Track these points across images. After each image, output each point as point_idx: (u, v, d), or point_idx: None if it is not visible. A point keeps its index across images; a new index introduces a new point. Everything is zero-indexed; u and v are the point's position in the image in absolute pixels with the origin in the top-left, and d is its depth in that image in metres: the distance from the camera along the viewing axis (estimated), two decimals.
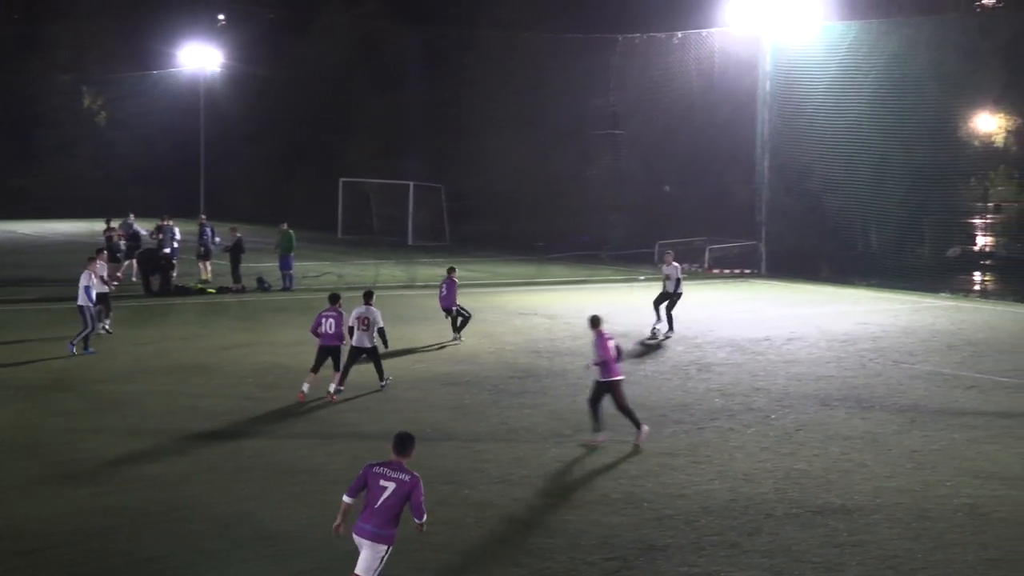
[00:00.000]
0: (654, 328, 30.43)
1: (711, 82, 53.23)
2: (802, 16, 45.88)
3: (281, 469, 17.10)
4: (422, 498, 10.94)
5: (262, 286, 39.33)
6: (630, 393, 21.29)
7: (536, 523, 15.26)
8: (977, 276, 51.83)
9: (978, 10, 55.07)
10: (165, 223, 42.14)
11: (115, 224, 43.30)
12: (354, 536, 10.91)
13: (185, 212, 56.57)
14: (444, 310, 29.48)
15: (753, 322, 32.25)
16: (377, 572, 10.91)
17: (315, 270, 43.71)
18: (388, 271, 44.35)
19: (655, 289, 32.14)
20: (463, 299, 29.69)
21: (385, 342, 22.56)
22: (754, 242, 48.46)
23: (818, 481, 17.10)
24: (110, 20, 75.16)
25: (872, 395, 23.59)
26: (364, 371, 22.66)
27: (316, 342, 22.58)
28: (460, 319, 29.10)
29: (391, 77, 66.37)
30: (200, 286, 39.42)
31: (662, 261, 32.72)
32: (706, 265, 49.02)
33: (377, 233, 60.24)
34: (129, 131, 76.34)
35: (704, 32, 51.47)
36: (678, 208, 56.17)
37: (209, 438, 19.24)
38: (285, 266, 39.90)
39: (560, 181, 59.37)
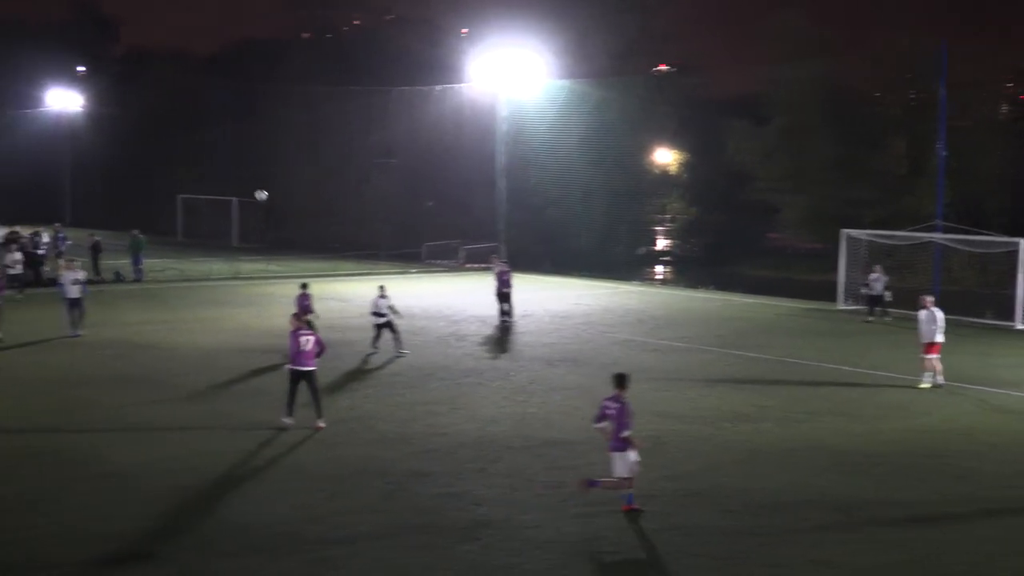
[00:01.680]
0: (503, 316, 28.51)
1: (462, 124, 52.25)
2: (530, 75, 45.13)
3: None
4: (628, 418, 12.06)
5: (118, 278, 37.28)
6: (417, 359, 21.22)
7: (329, 457, 14.59)
8: (659, 269, 52.73)
9: (656, 74, 55.86)
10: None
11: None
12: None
13: (49, 220, 51.76)
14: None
15: (496, 304, 31.80)
16: (626, 471, 11.83)
17: (160, 266, 40.89)
18: (217, 267, 41.70)
19: (423, 281, 31.15)
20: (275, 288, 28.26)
21: None
22: (495, 243, 47.89)
23: (544, 422, 16.84)
24: None
25: (584, 357, 23.31)
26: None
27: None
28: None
29: (211, 117, 62.70)
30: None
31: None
32: (461, 261, 48.39)
33: (208, 237, 56.94)
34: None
35: (457, 86, 50.58)
36: (436, 219, 54.94)
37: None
38: (136, 262, 37.95)
39: (346, 196, 57.22)
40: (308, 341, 15.98)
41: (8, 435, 15.42)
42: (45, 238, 40.82)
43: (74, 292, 24.68)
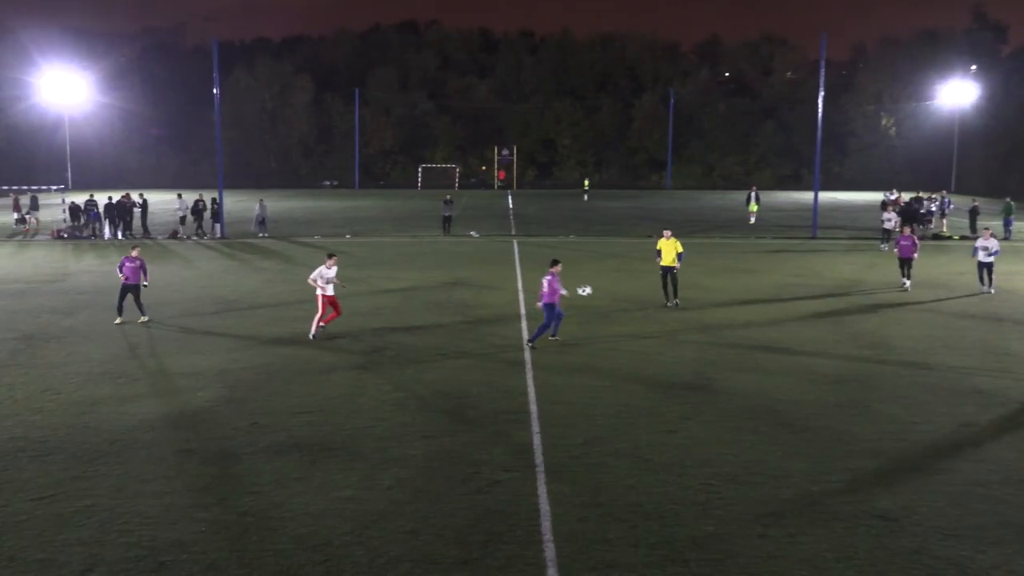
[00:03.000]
0: None
1: None
2: None
3: None
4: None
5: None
6: None
7: None
8: None
9: None
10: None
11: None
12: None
13: (939, 188, 65.66)
14: None
15: None
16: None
17: None
18: None
19: None
20: None
21: None
22: None
23: None
24: None
25: None
26: None
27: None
28: None
29: None
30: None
31: None
32: None
33: None
34: None
35: None
36: None
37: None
38: (1007, 224, 44.04)
39: None
40: None
41: None
42: (933, 205, 47.56)
43: (982, 256, 28.42)
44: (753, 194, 52.30)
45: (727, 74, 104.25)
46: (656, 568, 10.12)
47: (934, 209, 47.97)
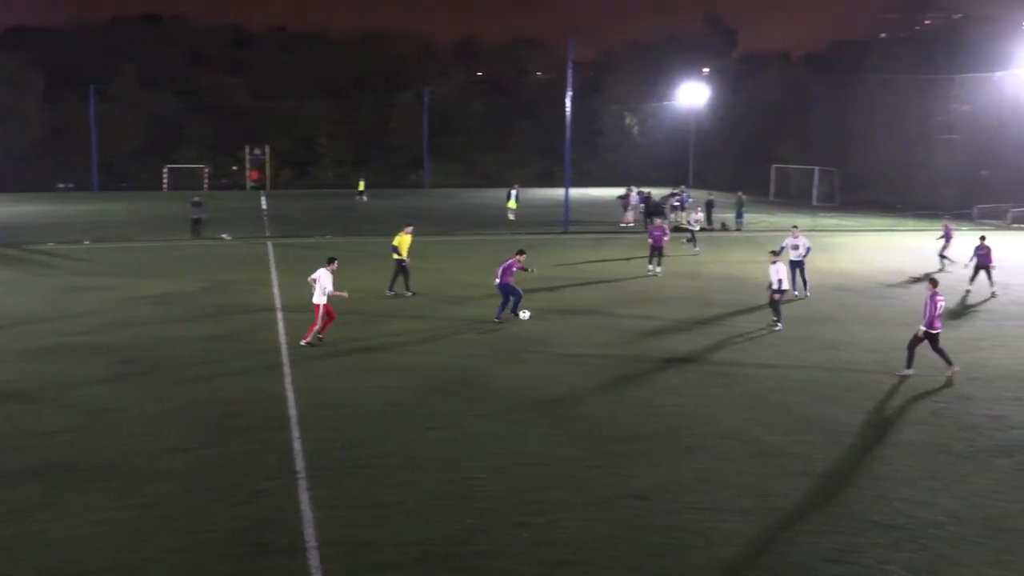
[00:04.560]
0: None
1: (1018, 105, 59.84)
2: None
3: None
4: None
5: (724, 228, 48.40)
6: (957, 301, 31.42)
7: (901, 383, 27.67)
8: None
9: None
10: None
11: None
12: None
13: (677, 183, 70.07)
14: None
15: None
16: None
17: (756, 219, 52.95)
18: (800, 220, 54.12)
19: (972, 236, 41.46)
20: (844, 239, 40.69)
21: None
22: None
23: None
24: None
25: None
26: None
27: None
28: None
29: (808, 104, 76.57)
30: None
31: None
32: (1008, 221, 55.64)
33: (793, 198, 70.83)
34: None
35: (1015, 72, 58.30)
36: (990, 185, 62.96)
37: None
38: (738, 216, 49.35)
39: (912, 167, 67.36)
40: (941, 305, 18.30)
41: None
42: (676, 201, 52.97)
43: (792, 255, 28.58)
44: (513, 192, 53.60)
45: (480, 74, 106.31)
46: (422, 565, 10.24)
47: (679, 204, 51.36)
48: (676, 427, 15.09)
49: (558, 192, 63.27)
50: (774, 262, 22.70)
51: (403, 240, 26.78)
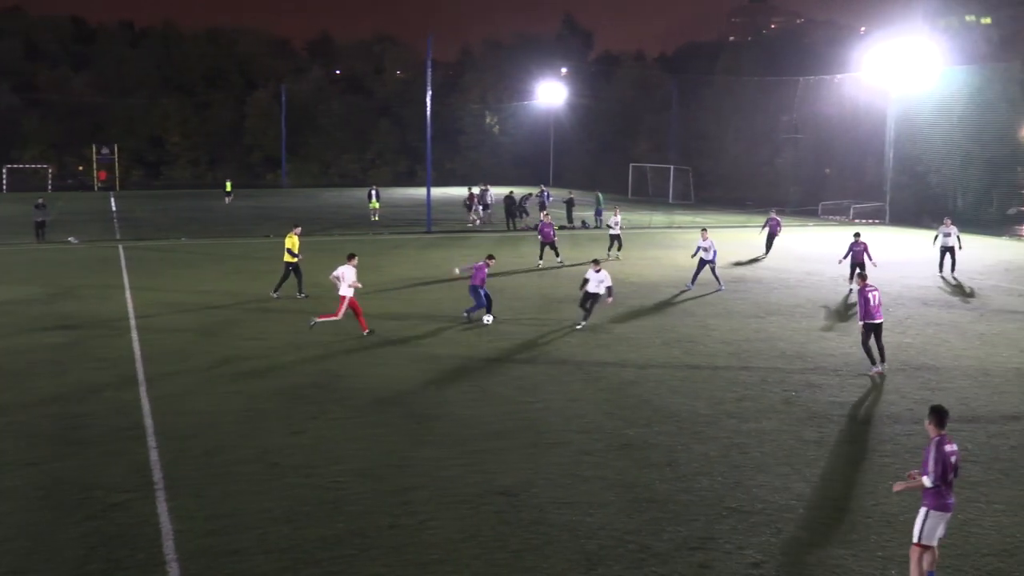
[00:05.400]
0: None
1: (858, 106, 62.72)
2: (916, 63, 53.42)
3: None
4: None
5: (584, 225, 50.26)
6: (814, 293, 32.62)
7: (739, 366, 27.63)
8: None
9: None
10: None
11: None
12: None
13: (538, 183, 70.98)
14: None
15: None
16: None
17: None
18: (657, 218, 56.09)
19: (816, 232, 43.16)
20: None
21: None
22: (881, 204, 58.44)
23: (919, 350, 20.09)
24: None
25: (955, 300, 27.37)
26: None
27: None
28: None
29: (661, 104, 78.68)
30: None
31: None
32: (849, 217, 58.22)
33: (651, 196, 72.85)
34: None
35: (854, 74, 61.59)
36: (832, 183, 66.22)
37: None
38: (597, 214, 49.79)
39: (761, 165, 70.34)
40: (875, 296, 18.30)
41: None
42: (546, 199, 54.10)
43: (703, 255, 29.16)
44: (374, 192, 53.16)
45: (338, 72, 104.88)
46: (289, 573, 10.04)
47: (546, 200, 51.75)
48: (538, 424, 15.26)
49: (420, 192, 63.09)
50: (598, 270, 22.70)
51: (294, 241, 26.81)
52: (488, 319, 23.21)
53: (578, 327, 22.71)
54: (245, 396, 16.69)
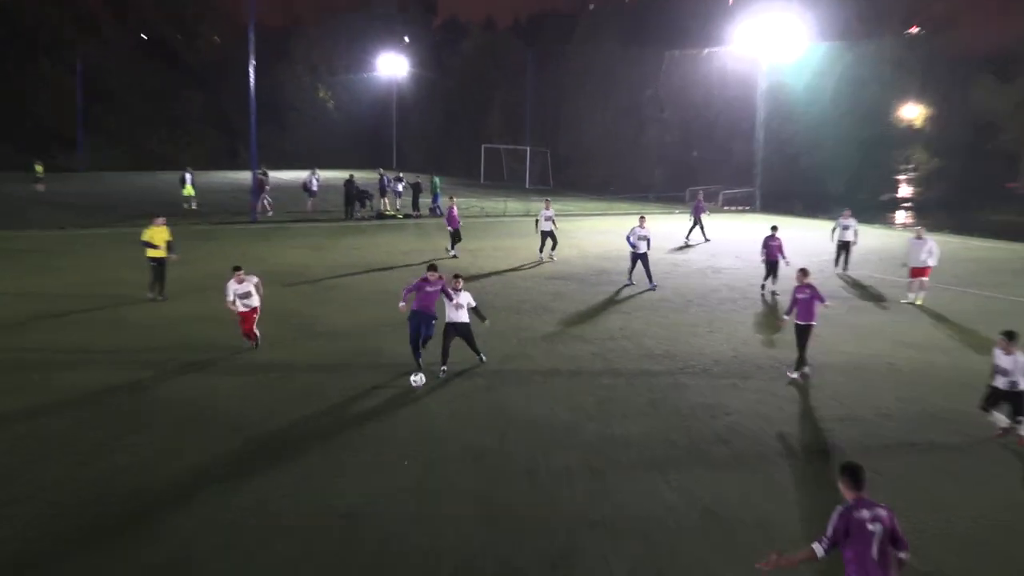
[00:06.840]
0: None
1: (726, 82, 64.69)
2: (787, 38, 55.74)
3: None
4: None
5: (433, 213, 50.01)
6: (681, 286, 30.12)
7: (604, 368, 20.75)
8: (899, 214, 59.91)
9: (906, 36, 63.93)
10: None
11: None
12: None
13: (376, 166, 70.37)
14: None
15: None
16: None
17: (465, 204, 53.33)
18: (512, 205, 54.83)
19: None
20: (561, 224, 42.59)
21: None
22: (751, 188, 60.60)
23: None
24: None
25: (826, 288, 30.24)
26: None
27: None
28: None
29: (514, 78, 79.56)
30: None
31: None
32: (719, 203, 60.03)
33: (505, 180, 73.25)
34: None
35: (722, 49, 63.75)
36: (701, 166, 68.14)
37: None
38: (434, 200, 49.85)
39: (624, 145, 72.02)
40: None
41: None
42: (400, 186, 52.08)
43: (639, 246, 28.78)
44: (188, 176, 51.31)
45: (144, 37, 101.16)
46: None
47: (400, 189, 52.05)
48: (383, 436, 15.16)
49: (244, 175, 61.64)
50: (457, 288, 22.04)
51: (155, 233, 25.86)
52: (417, 380, 18.20)
53: (440, 374, 18.78)
54: (28, 415, 15.93)
